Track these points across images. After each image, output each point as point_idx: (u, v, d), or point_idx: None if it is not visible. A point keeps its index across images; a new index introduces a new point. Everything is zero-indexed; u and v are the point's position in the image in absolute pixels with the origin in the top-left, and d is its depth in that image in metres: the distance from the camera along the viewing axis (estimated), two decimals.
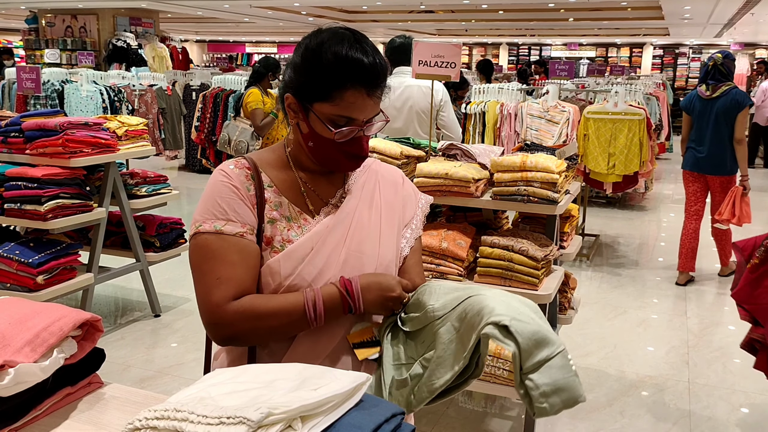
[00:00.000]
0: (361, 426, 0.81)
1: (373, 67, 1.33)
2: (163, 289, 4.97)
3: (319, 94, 1.34)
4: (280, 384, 0.86)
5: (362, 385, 0.89)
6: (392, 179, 1.58)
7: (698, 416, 3.38)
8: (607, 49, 20.86)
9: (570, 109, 5.63)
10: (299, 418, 0.79)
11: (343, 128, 1.35)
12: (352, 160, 1.41)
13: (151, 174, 4.36)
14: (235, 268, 1.33)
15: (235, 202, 1.37)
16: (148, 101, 7.76)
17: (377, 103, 1.37)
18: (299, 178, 1.47)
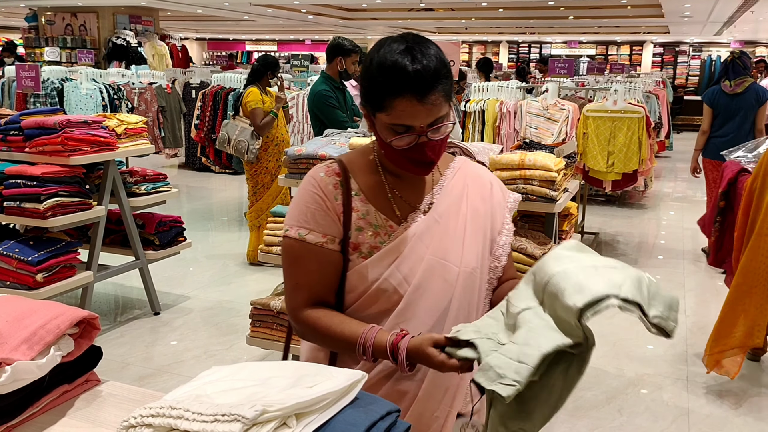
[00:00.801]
0: (355, 423, 0.82)
1: (418, 74, 1.30)
2: (162, 287, 4.97)
3: (375, 104, 1.36)
4: (276, 382, 0.86)
5: (357, 383, 0.89)
6: (480, 184, 1.56)
7: (697, 414, 3.38)
8: (608, 47, 20.85)
9: (569, 108, 5.63)
10: (294, 415, 0.79)
11: (401, 135, 1.35)
12: (418, 166, 1.40)
13: (150, 172, 4.36)
14: (311, 276, 1.42)
15: (318, 213, 1.43)
16: (148, 99, 7.76)
17: (435, 108, 1.33)
18: (386, 183, 1.48)
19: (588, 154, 5.59)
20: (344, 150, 3.17)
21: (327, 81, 4.66)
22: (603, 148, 5.55)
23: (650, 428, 3.25)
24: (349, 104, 4.88)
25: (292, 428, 0.78)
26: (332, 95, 4.62)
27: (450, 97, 1.39)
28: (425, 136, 1.35)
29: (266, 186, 5.42)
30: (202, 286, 5.17)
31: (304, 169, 3.20)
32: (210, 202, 8.39)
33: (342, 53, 4.62)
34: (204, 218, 7.47)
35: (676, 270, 5.75)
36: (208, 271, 5.54)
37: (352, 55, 4.65)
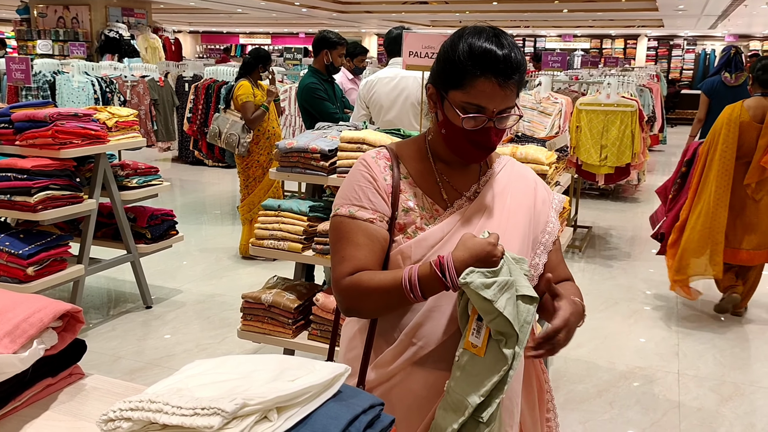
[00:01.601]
0: (337, 417, 0.81)
1: (506, 59, 1.37)
2: (155, 281, 4.96)
3: (453, 81, 1.41)
4: (258, 375, 0.85)
5: (340, 376, 0.89)
6: (525, 182, 1.61)
7: (687, 407, 3.40)
8: (602, 40, 20.84)
9: (562, 101, 5.63)
10: (275, 409, 0.78)
11: (472, 115, 1.40)
12: (479, 149, 1.46)
13: (141, 165, 4.34)
14: (359, 249, 1.45)
15: (369, 191, 1.49)
16: (140, 92, 7.72)
17: (509, 95, 1.40)
18: (436, 170, 1.55)
19: (581, 148, 5.59)
20: (335, 143, 3.16)
21: (315, 74, 4.65)
22: (596, 141, 5.55)
23: (641, 421, 3.26)
24: (339, 96, 4.86)
25: (273, 422, 0.77)
26: (320, 88, 4.61)
27: (519, 92, 1.46)
28: (493, 121, 1.41)
29: (258, 179, 5.41)
30: (195, 279, 5.16)
31: (295, 163, 3.19)
32: (203, 196, 8.37)
33: (328, 46, 4.60)
34: (197, 212, 7.45)
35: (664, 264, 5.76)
36: (201, 265, 5.53)
37: (338, 47, 4.64)
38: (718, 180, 4.21)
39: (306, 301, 3.12)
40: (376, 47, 23.99)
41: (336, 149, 3.13)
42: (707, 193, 4.24)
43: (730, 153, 4.19)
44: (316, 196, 3.51)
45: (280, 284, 3.22)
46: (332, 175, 3.14)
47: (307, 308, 3.12)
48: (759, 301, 4.94)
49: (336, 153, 3.13)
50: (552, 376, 3.66)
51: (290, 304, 3.04)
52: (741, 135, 4.21)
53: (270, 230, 3.16)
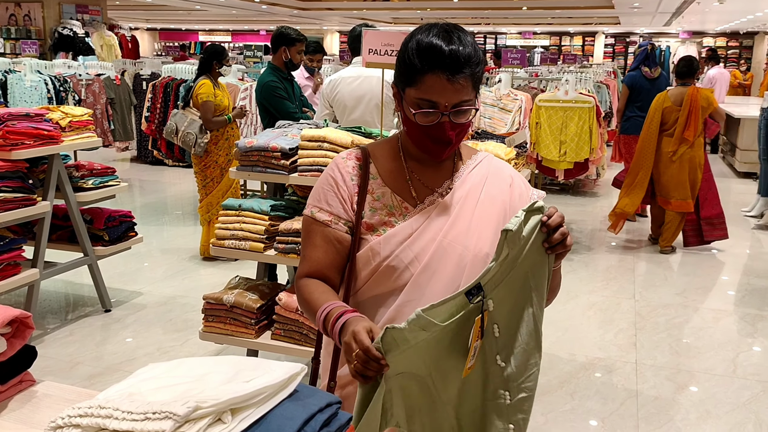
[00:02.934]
0: (293, 417, 0.81)
1: (452, 54, 1.38)
2: (114, 284, 4.87)
3: (407, 79, 1.44)
4: (213, 377, 0.85)
5: (296, 376, 0.89)
6: (501, 177, 1.62)
7: (645, 396, 3.47)
8: (561, 37, 21.14)
9: (522, 98, 5.70)
10: (229, 411, 0.78)
11: (426, 111, 1.42)
12: (437, 144, 1.47)
13: (97, 166, 4.25)
14: (315, 250, 1.53)
15: (329, 194, 1.55)
16: (96, 91, 7.56)
17: (460, 90, 1.41)
18: (406, 168, 1.57)
19: (541, 144, 5.67)
20: (296, 141, 3.14)
21: (274, 72, 4.60)
22: (555, 137, 5.63)
23: (600, 410, 3.32)
24: (297, 95, 4.82)
25: (227, 423, 0.77)
26: (280, 86, 4.56)
27: (478, 87, 1.48)
28: (448, 116, 1.42)
29: (216, 180, 5.35)
30: (156, 281, 5.08)
31: (255, 161, 3.16)
32: (164, 196, 8.24)
33: (286, 43, 4.56)
34: (158, 212, 7.34)
35: (626, 256, 5.89)
36: (162, 267, 5.45)
37: (297, 44, 4.59)
38: (644, 150, 5.76)
39: (269, 300, 3.10)
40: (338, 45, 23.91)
41: (297, 148, 3.12)
42: (637, 158, 5.84)
43: (654, 128, 5.72)
44: (278, 195, 3.49)
45: (242, 284, 3.19)
46: (293, 173, 3.13)
47: (270, 308, 3.10)
48: (711, 292, 5.08)
49: (297, 151, 3.12)
50: None
51: (252, 305, 3.02)
52: (665, 115, 5.67)
53: (231, 230, 3.13)
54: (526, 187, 1.67)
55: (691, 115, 5.56)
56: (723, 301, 4.89)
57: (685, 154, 5.64)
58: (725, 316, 4.56)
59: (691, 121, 5.56)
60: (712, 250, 6.17)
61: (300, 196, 3.69)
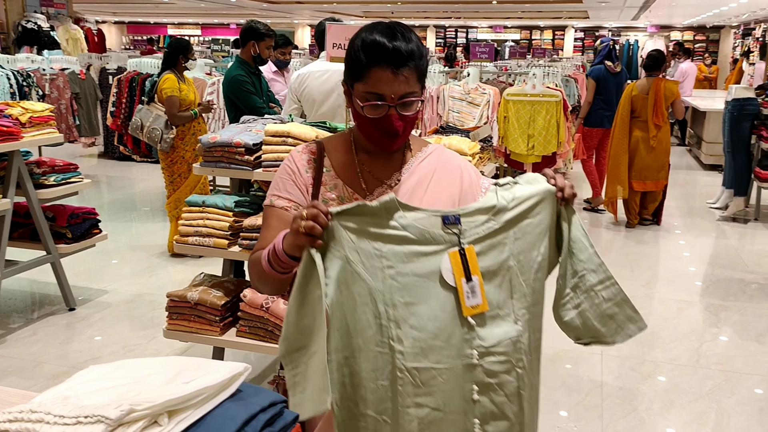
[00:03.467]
0: (233, 417, 0.80)
1: (396, 49, 1.45)
2: (79, 282, 4.79)
3: (355, 74, 1.50)
4: (153, 379, 0.83)
5: (239, 376, 0.88)
6: (450, 168, 1.65)
7: (609, 386, 3.52)
8: (531, 31, 21.27)
9: (490, 92, 5.72)
10: (166, 413, 0.77)
11: (374, 103, 1.47)
12: (386, 135, 1.52)
13: (59, 162, 4.18)
14: (271, 230, 1.57)
15: (288, 183, 1.62)
16: (60, 86, 7.41)
17: (405, 82, 1.47)
18: (357, 161, 1.62)
19: (509, 138, 5.70)
20: (260, 137, 3.11)
21: (242, 66, 4.55)
22: (523, 131, 5.67)
23: (566, 401, 3.36)
24: (265, 90, 4.79)
25: (163, 426, 0.75)
26: (248, 80, 4.52)
27: (423, 82, 1.54)
28: (395, 108, 1.48)
29: (183, 176, 5.28)
30: (122, 279, 5.01)
31: (219, 157, 3.13)
32: (132, 192, 8.12)
33: (255, 37, 4.51)
34: (125, 209, 7.23)
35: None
36: (129, 264, 5.37)
37: (266, 39, 4.55)
38: (619, 136, 6.34)
39: (234, 297, 3.07)
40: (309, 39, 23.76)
41: (261, 143, 3.09)
42: (614, 144, 6.42)
43: (625, 116, 6.31)
44: (243, 191, 3.46)
45: (207, 281, 3.16)
46: (257, 169, 3.10)
47: (235, 305, 3.07)
48: (676, 283, 5.17)
49: (261, 147, 3.09)
50: None
51: (217, 301, 2.99)
52: (634, 103, 6.32)
53: (195, 227, 3.10)
54: (477, 176, 1.70)
55: (656, 104, 6.23)
56: (688, 291, 4.97)
57: (653, 139, 6.32)
58: (689, 307, 4.64)
59: (657, 109, 6.25)
60: (680, 241, 6.28)
61: (266, 192, 3.65)
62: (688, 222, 6.93)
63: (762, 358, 3.86)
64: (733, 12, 15.28)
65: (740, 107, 6.80)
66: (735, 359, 3.84)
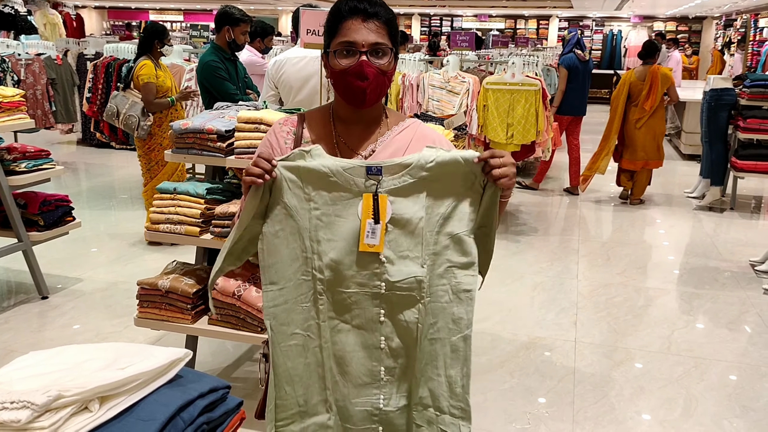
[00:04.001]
0: (168, 403, 0.80)
1: (362, 3, 1.58)
2: (52, 270, 4.74)
3: (331, 32, 1.61)
4: (89, 365, 0.82)
5: (179, 362, 0.87)
6: (425, 140, 1.68)
7: (582, 373, 3.55)
8: (516, 21, 21.22)
9: (470, 80, 5.71)
10: (97, 399, 0.76)
11: (346, 55, 1.57)
12: (358, 80, 1.57)
13: (31, 149, 4.12)
14: None
15: (265, 154, 1.57)
16: (36, 71, 7.31)
17: (375, 31, 1.57)
18: (334, 132, 1.69)
19: (488, 126, 5.70)
20: (233, 123, 3.08)
21: (216, 52, 4.51)
22: (502, 120, 5.67)
23: (538, 388, 3.39)
24: (241, 76, 4.74)
25: (93, 412, 0.75)
26: (221, 66, 4.47)
27: (395, 39, 1.63)
28: (366, 54, 1.56)
29: (161, 163, 5.23)
30: (98, 267, 4.97)
31: (191, 144, 3.09)
32: (110, 180, 8.04)
33: (230, 22, 4.46)
34: (103, 197, 7.16)
35: (571, 237, 5.99)
36: (105, 252, 5.33)
37: (241, 24, 4.50)
38: (614, 118, 6.92)
39: (206, 285, 3.05)
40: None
41: (233, 130, 3.06)
42: (609, 126, 6.99)
43: (622, 100, 6.86)
44: (217, 179, 3.43)
45: (179, 269, 3.14)
46: (230, 156, 3.08)
47: (206, 293, 3.05)
48: (651, 272, 5.22)
49: (233, 133, 3.06)
50: None
51: (188, 289, 2.97)
52: (632, 89, 6.83)
53: (166, 214, 3.07)
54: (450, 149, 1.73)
55: (651, 89, 6.70)
56: (661, 280, 5.02)
57: (648, 122, 6.78)
58: (663, 295, 4.69)
59: (650, 94, 6.70)
60: (657, 230, 6.34)
61: (240, 179, 3.63)
62: (666, 211, 6.99)
63: (732, 345, 3.91)
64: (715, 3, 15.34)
65: (717, 97, 6.85)
66: (705, 346, 3.89)
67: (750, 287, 4.80)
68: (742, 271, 5.12)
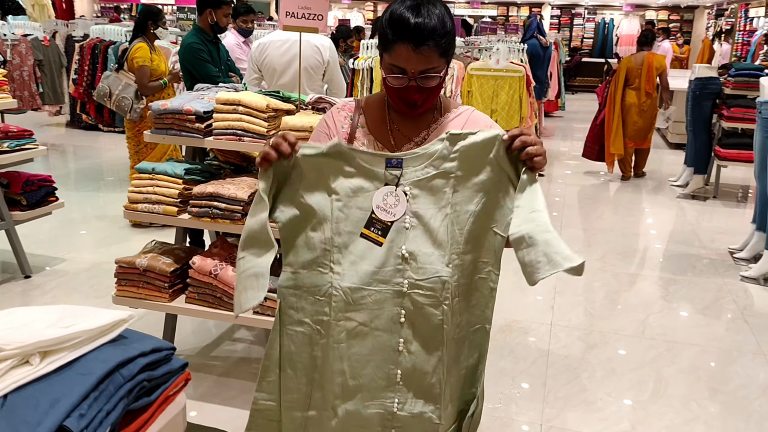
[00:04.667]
0: (107, 360, 0.84)
1: (417, 26, 1.52)
2: (35, 249, 4.77)
3: (383, 46, 1.60)
4: (36, 324, 0.86)
5: (122, 323, 0.91)
6: (478, 125, 1.69)
7: (555, 355, 3.62)
8: (508, 8, 21.19)
9: (455, 66, 5.74)
10: (38, 353, 0.80)
11: (396, 75, 1.57)
12: (405, 104, 1.62)
13: (13, 128, 4.13)
14: None
15: (322, 137, 1.72)
16: (23, 52, 7.28)
17: (426, 59, 1.54)
18: (389, 119, 1.72)
19: None
20: (211, 105, 3.11)
21: (199, 33, 4.52)
22: (487, 105, 5.71)
23: (512, 369, 3.45)
24: (224, 59, 4.75)
25: (34, 365, 0.79)
26: (203, 49, 4.49)
27: (447, 55, 1.59)
28: (415, 81, 1.57)
29: (150, 146, 5.25)
30: (83, 248, 4.99)
31: (170, 124, 3.12)
32: (98, 162, 8.04)
33: (212, 5, 4.47)
34: (90, 178, 7.17)
35: (556, 223, 6.04)
36: (91, 233, 5.35)
37: (223, 6, 4.51)
38: (614, 102, 7.45)
39: (184, 265, 3.09)
40: None
41: (212, 111, 3.09)
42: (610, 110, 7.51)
43: (621, 84, 7.45)
44: (197, 160, 3.46)
45: (158, 248, 3.18)
46: (208, 137, 3.10)
47: (185, 272, 3.09)
48: (630, 258, 5.28)
49: (212, 115, 3.09)
50: None
51: (166, 268, 3.01)
52: (629, 73, 7.43)
53: (144, 194, 3.10)
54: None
55: (648, 74, 7.38)
56: (640, 266, 5.09)
57: (644, 104, 7.47)
58: (640, 281, 4.76)
59: (649, 78, 7.39)
60: (642, 217, 6.40)
61: (222, 161, 3.67)
62: (649, 199, 7.06)
63: (705, 330, 3.99)
64: None
65: (702, 86, 6.90)
66: (679, 330, 3.96)
67: (728, 274, 4.87)
68: (721, 259, 5.19)
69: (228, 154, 3.46)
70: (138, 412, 0.90)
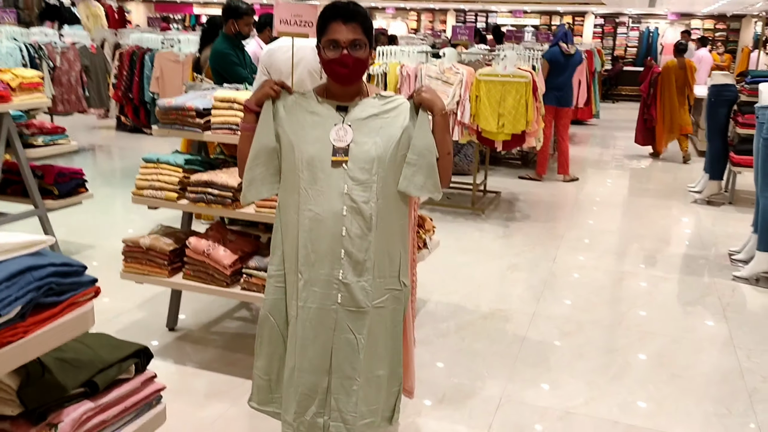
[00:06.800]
0: (20, 263, 1.15)
1: (345, 6, 2.08)
2: (67, 237, 5.23)
3: (321, 30, 2.12)
4: None
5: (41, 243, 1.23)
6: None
7: (530, 340, 3.84)
8: (551, 17, 21.21)
9: (464, 71, 5.99)
10: None
11: (332, 49, 2.07)
12: (342, 67, 2.08)
13: (48, 125, 4.59)
14: None
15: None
16: (71, 59, 7.87)
17: (353, 31, 2.07)
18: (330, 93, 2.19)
19: (480, 116, 5.97)
20: (211, 102, 3.46)
21: (226, 40, 4.93)
22: (494, 110, 5.94)
23: (485, 351, 3.69)
24: (248, 63, 5.15)
25: None
26: (232, 53, 4.89)
27: (370, 37, 2.12)
28: (347, 49, 2.06)
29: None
30: (112, 236, 5.44)
31: (174, 120, 3.49)
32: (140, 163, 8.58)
33: (234, 16, 4.87)
34: (131, 176, 7.69)
35: (560, 224, 6.23)
36: (126, 224, 5.81)
37: (245, 17, 4.90)
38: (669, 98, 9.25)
39: (183, 245, 3.45)
40: None
41: (211, 108, 3.45)
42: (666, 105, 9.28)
43: (672, 83, 9.21)
44: (202, 153, 3.83)
45: (161, 231, 3.55)
46: (207, 131, 3.46)
47: (183, 252, 3.45)
48: (627, 257, 5.42)
49: (211, 111, 3.45)
50: (422, 316, 4.07)
51: (166, 248, 3.37)
52: (675, 74, 9.20)
53: (149, 181, 3.48)
54: None
55: (690, 75, 9.23)
56: (634, 265, 5.23)
57: (686, 100, 9.30)
58: (631, 278, 4.91)
59: (689, 79, 9.25)
60: (651, 221, 6.50)
61: (227, 155, 4.05)
62: (663, 203, 7.13)
63: (681, 323, 4.13)
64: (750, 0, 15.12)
65: (717, 93, 6.96)
66: (655, 322, 4.12)
67: (720, 274, 4.97)
68: (718, 260, 5.28)
69: (232, 148, 3.82)
70: (47, 306, 1.21)
